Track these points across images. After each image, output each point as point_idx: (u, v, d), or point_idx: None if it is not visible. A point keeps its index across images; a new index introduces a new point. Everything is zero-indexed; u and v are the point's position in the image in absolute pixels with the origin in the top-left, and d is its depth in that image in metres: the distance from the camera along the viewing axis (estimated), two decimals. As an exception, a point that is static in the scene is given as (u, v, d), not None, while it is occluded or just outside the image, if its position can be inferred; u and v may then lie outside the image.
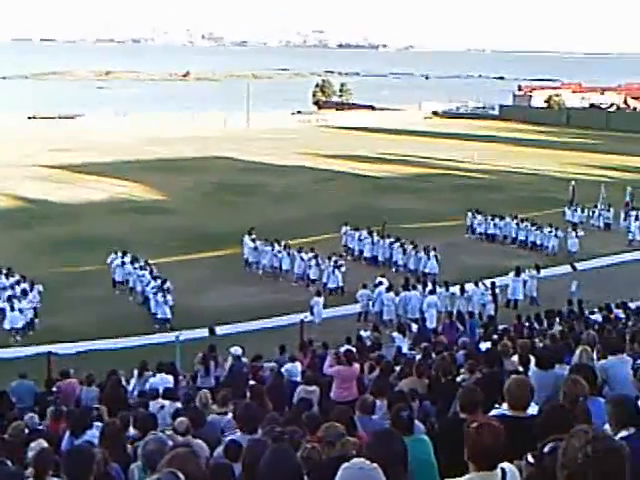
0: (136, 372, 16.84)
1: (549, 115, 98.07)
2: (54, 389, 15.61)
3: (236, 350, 17.41)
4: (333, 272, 29.22)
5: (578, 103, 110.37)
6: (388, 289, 26.33)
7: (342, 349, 15.63)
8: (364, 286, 27.02)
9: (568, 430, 3.79)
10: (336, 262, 29.68)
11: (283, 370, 15.86)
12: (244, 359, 17.56)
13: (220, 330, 24.64)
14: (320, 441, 6.90)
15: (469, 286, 26.82)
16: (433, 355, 15.24)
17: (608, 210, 40.67)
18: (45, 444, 9.22)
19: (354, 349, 17.43)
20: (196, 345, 21.09)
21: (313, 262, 30.10)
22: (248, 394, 12.12)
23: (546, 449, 4.69)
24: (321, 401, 13.05)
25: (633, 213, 39.97)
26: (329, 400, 13.12)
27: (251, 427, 7.68)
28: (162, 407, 12.67)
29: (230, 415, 10.57)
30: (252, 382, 14.32)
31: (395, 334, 21.05)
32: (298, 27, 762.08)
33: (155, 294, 25.91)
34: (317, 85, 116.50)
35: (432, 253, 30.87)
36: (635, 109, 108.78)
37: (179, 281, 27.88)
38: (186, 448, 5.94)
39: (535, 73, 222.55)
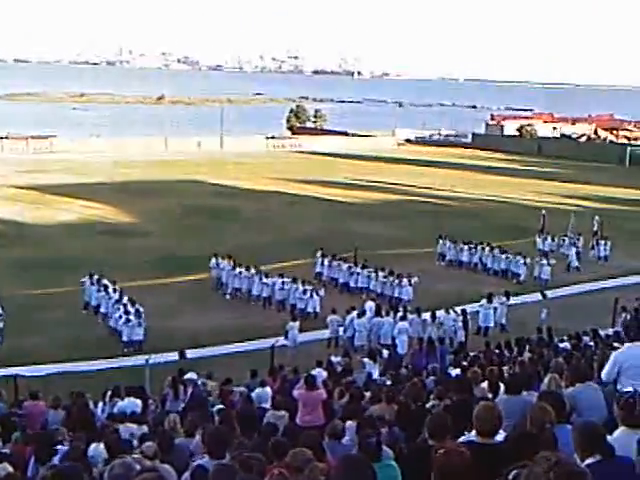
0: (109, 394, 16.73)
1: (521, 144, 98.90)
2: (20, 411, 15.39)
3: (191, 375, 17.36)
4: (312, 296, 29.24)
5: (549, 133, 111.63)
6: (360, 315, 26.37)
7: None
8: (334, 311, 27.05)
9: (534, 456, 3.83)
10: (315, 286, 29.75)
11: (253, 395, 15.80)
12: (211, 382, 17.49)
13: (191, 354, 24.55)
14: (288, 467, 6.87)
15: (440, 313, 26.92)
16: (403, 381, 15.26)
17: (578, 239, 41.04)
18: (10, 468, 9.10)
19: (325, 372, 17.47)
20: (166, 369, 21.01)
21: (288, 286, 30.09)
22: (217, 418, 12.06)
23: (511, 476, 4.72)
24: (287, 426, 13.00)
25: (602, 243, 40.45)
26: (295, 425, 13.06)
27: (219, 452, 7.62)
28: (130, 431, 12.57)
29: (197, 438, 10.51)
30: (221, 406, 14.25)
31: (366, 360, 21.02)
32: (273, 53, 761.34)
33: (126, 316, 25.78)
34: (291, 110, 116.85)
35: (405, 280, 30.93)
36: (605, 140, 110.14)
37: (150, 304, 27.69)
38: (153, 473, 5.90)
39: (507, 102, 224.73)
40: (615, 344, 20.12)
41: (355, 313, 26.50)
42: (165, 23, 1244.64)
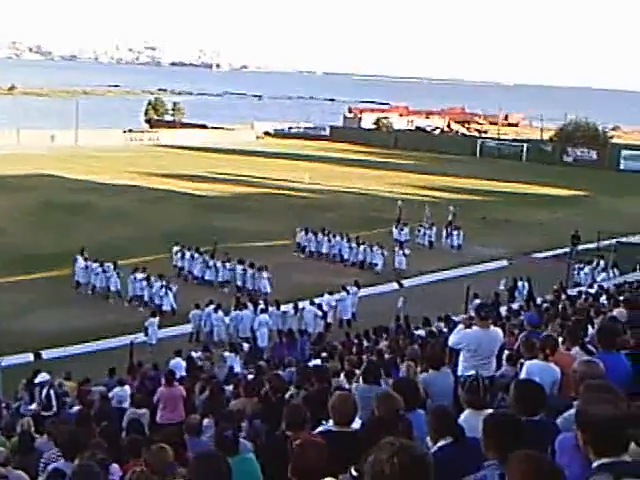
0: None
1: (378, 137, 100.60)
2: None
3: (43, 376, 16.94)
4: (166, 293, 28.92)
5: (405, 126, 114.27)
6: (216, 309, 26.37)
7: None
8: (197, 306, 26.92)
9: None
10: (167, 283, 29.39)
11: (111, 394, 15.54)
12: (69, 383, 17.09)
13: (47, 354, 23.88)
14: (148, 465, 6.83)
15: (300, 304, 27.20)
16: (265, 374, 15.35)
17: (431, 228, 42.28)
18: None
19: (184, 362, 17.39)
20: (20, 371, 20.35)
21: (145, 283, 29.72)
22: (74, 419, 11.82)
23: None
24: (150, 424, 12.87)
25: (455, 232, 41.78)
26: (155, 423, 12.95)
27: (74, 453, 7.49)
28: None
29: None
30: (79, 407, 13.96)
31: (226, 354, 21.06)
32: (130, 43, 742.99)
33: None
34: (149, 103, 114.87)
35: (265, 273, 31.08)
36: (457, 132, 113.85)
37: (4, 304, 26.77)
38: None
39: (364, 95, 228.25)
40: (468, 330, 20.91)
41: (212, 307, 26.51)
42: (15, 10, 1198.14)
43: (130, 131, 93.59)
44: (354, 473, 5.05)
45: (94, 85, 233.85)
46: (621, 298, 19.61)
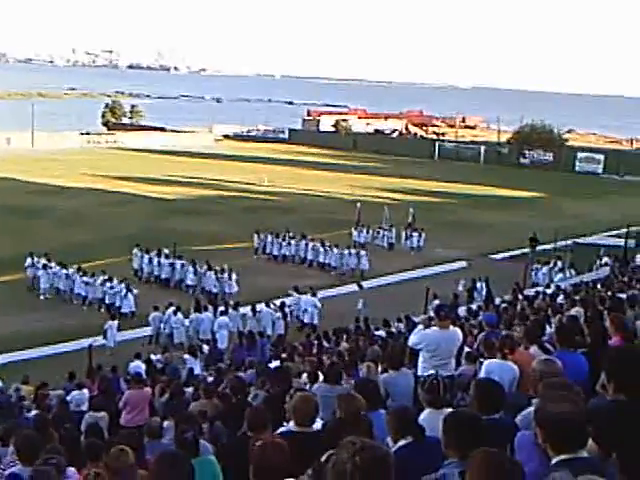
0: None
1: (337, 139, 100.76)
2: None
3: None
4: (126, 295, 28.72)
5: (363, 128, 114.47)
6: (176, 311, 26.24)
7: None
8: (155, 308, 26.77)
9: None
10: (128, 285, 29.19)
11: (69, 398, 15.37)
12: (26, 387, 16.90)
13: (2, 359, 23.58)
14: (108, 468, 6.73)
15: (260, 306, 27.17)
16: (225, 376, 15.32)
17: (390, 230, 42.43)
18: None
19: (144, 365, 17.26)
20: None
21: (107, 285, 29.48)
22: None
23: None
24: (110, 428, 12.75)
25: (415, 234, 41.96)
26: (119, 426, 12.83)
27: (31, 458, 7.38)
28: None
29: (12, 448, 10.14)
30: (36, 411, 13.81)
31: (186, 356, 20.97)
32: (87, 46, 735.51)
33: None
34: (107, 106, 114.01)
35: (226, 275, 31.06)
36: (415, 135, 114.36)
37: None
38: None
39: (323, 99, 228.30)
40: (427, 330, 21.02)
41: (172, 309, 26.39)
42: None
43: (87, 134, 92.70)
44: (310, 473, 5.04)
45: (50, 88, 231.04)
46: (577, 298, 19.92)
